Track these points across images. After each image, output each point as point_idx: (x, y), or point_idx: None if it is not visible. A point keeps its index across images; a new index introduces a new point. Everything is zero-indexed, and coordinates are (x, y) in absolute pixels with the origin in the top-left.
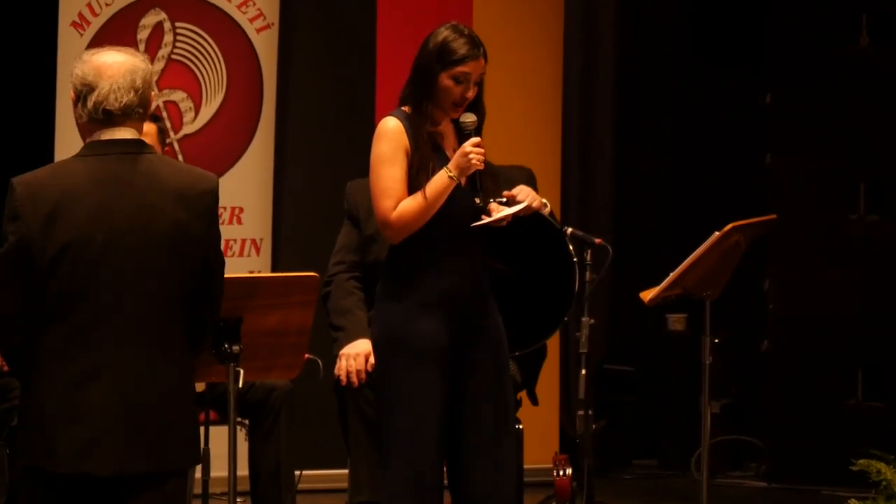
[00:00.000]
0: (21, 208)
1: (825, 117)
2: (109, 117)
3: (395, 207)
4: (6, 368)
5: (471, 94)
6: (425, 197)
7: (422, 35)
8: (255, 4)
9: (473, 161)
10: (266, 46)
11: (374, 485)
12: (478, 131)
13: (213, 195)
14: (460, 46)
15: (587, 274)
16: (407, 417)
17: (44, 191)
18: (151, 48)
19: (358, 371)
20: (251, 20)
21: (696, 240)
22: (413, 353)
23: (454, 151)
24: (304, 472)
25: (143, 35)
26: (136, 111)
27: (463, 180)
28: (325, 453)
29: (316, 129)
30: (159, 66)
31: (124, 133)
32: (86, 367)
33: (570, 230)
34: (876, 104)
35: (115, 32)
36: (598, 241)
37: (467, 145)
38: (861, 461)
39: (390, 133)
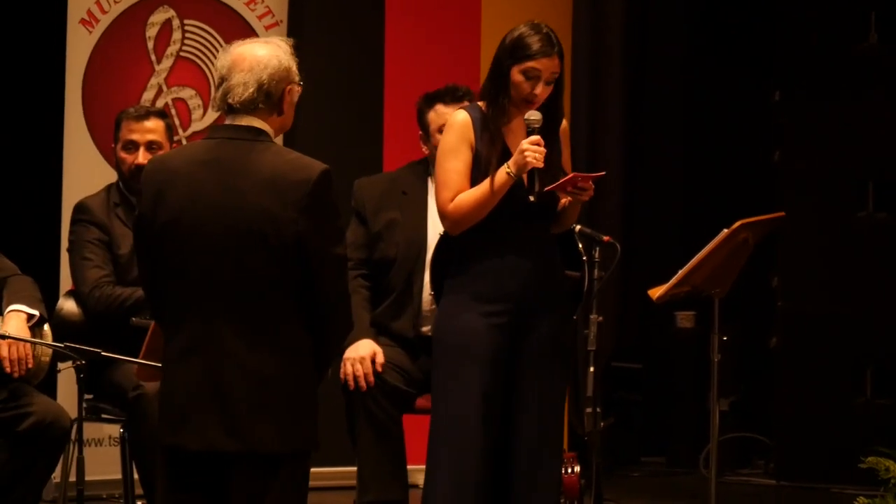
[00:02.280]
0: (143, 185)
1: (834, 115)
2: (232, 109)
3: (452, 199)
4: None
5: (540, 90)
6: (482, 191)
7: (430, 32)
8: (263, 2)
9: (529, 158)
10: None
11: (381, 485)
12: (544, 130)
13: (309, 185)
14: (534, 43)
15: (595, 271)
16: (454, 409)
17: (159, 170)
18: (160, 46)
19: (365, 375)
20: (259, 17)
21: (705, 237)
22: (461, 346)
23: None
24: (312, 469)
25: (151, 33)
26: (259, 106)
27: (525, 177)
28: (333, 450)
29: (324, 126)
30: (168, 63)
31: (245, 121)
32: (182, 344)
33: (578, 227)
34: (884, 102)
35: (124, 30)
36: (606, 238)
37: (525, 142)
38: (870, 459)
39: (456, 126)
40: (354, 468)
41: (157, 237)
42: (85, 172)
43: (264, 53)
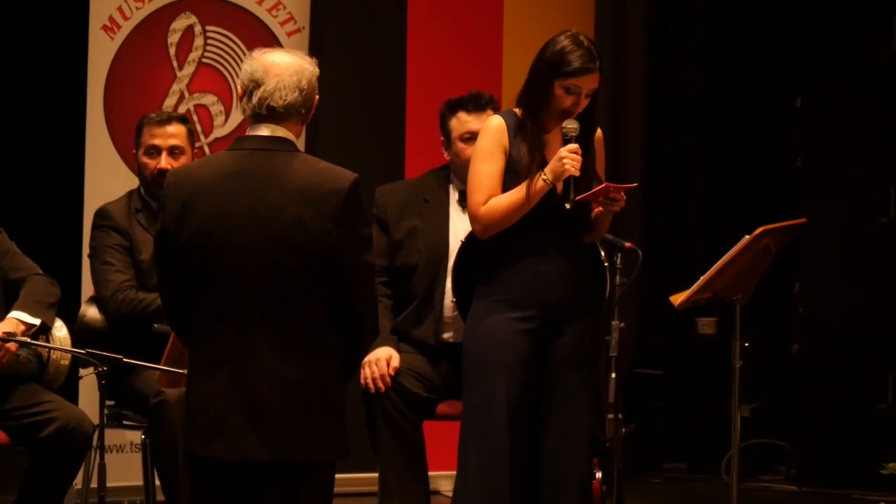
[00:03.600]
0: (166, 198)
1: (855, 121)
2: (273, 114)
3: (485, 202)
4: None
5: (580, 106)
6: (515, 197)
7: (453, 38)
8: (285, 8)
9: (567, 166)
10: (297, 50)
11: (403, 491)
12: (580, 139)
13: (341, 195)
14: (576, 59)
15: (617, 278)
16: (484, 414)
17: (184, 182)
18: (182, 52)
19: (381, 376)
20: (282, 24)
21: (727, 243)
22: (492, 352)
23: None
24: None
25: (173, 39)
26: (299, 110)
27: (559, 185)
28: (354, 457)
29: (346, 132)
30: (190, 69)
31: (270, 130)
32: (214, 354)
33: None
34: None
35: (146, 36)
36: (628, 244)
37: (563, 150)
38: (891, 465)
39: (492, 130)
40: (376, 474)
41: (184, 249)
42: (107, 178)
43: (296, 61)
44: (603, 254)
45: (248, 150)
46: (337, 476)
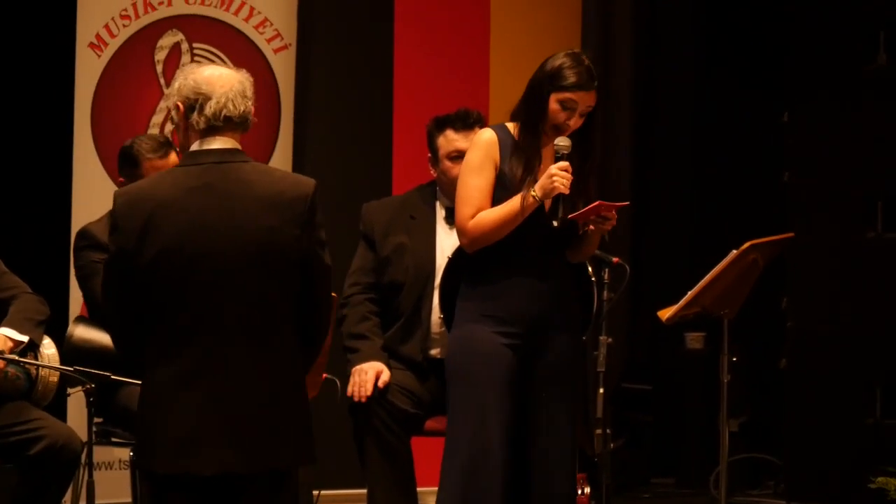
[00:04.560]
0: (119, 219)
1: (843, 135)
2: (229, 124)
3: (473, 216)
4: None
5: (574, 122)
6: (503, 212)
7: (440, 55)
8: (272, 25)
9: (556, 183)
10: (283, 67)
11: None
12: (572, 158)
13: (306, 201)
14: (574, 74)
15: (605, 293)
16: (471, 426)
17: (140, 202)
18: (169, 69)
19: (365, 383)
20: (268, 41)
21: (714, 258)
22: (477, 367)
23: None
24: (323, 492)
25: (160, 56)
26: (248, 119)
27: (547, 203)
28: (344, 473)
29: (333, 149)
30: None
31: (221, 142)
32: (184, 369)
33: None
34: (894, 122)
35: (133, 53)
36: (615, 259)
37: (554, 167)
38: (879, 479)
39: (482, 143)
40: (364, 490)
41: (148, 267)
42: (94, 196)
43: (232, 72)
44: (590, 269)
45: (206, 164)
46: (325, 492)
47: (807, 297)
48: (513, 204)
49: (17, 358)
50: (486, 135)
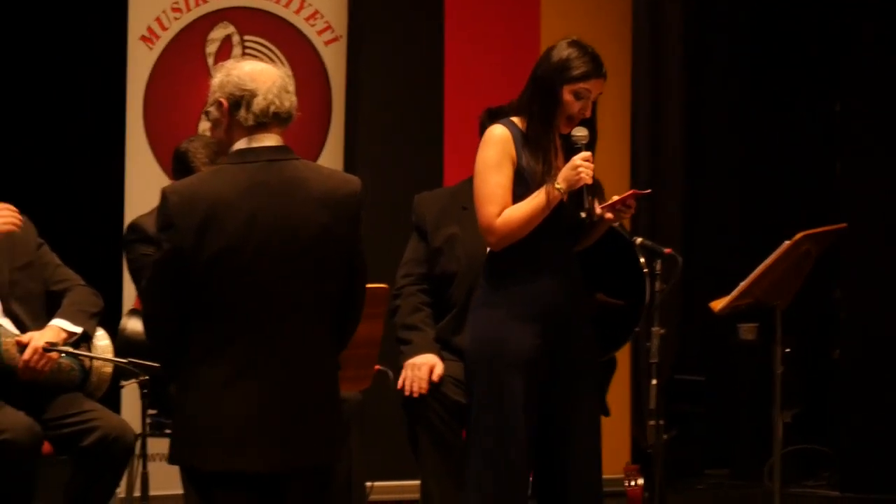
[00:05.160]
0: (175, 217)
1: (894, 124)
2: (277, 119)
3: (499, 214)
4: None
5: (587, 111)
6: (529, 207)
7: (489, 45)
8: (322, 17)
9: (583, 175)
10: (334, 58)
11: (445, 497)
12: (589, 146)
13: (357, 199)
14: (584, 64)
15: (657, 284)
16: (495, 424)
17: (196, 199)
18: (220, 61)
19: (420, 380)
20: (319, 32)
21: (767, 249)
22: (505, 362)
23: (562, 163)
24: (376, 484)
25: (211, 48)
26: (295, 114)
27: (565, 195)
28: (397, 464)
29: (384, 140)
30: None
31: (270, 140)
32: (235, 367)
33: (639, 240)
34: None
35: (185, 46)
36: (667, 250)
37: (577, 159)
38: None
39: (497, 140)
40: (418, 482)
41: (206, 266)
42: (146, 189)
43: (271, 67)
44: (642, 260)
45: (260, 163)
46: (378, 483)
47: (860, 287)
48: (538, 198)
49: (71, 349)
50: (499, 131)
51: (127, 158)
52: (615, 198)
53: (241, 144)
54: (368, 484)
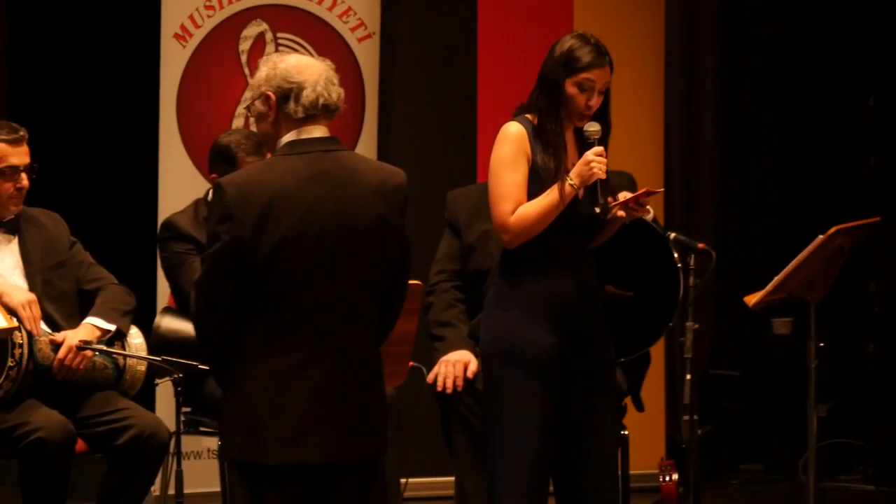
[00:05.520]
0: (234, 208)
1: None
2: (326, 111)
3: (513, 211)
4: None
5: (594, 102)
6: (543, 204)
7: (522, 41)
8: (356, 14)
9: (595, 170)
10: (367, 56)
11: (480, 494)
12: (601, 141)
13: (405, 190)
14: (585, 54)
15: (691, 279)
16: (513, 425)
17: (255, 190)
18: (253, 59)
19: (455, 378)
20: (352, 29)
21: (800, 243)
22: (521, 362)
23: (574, 159)
24: (410, 480)
25: (244, 46)
26: (342, 106)
27: (581, 190)
28: (431, 461)
29: (417, 137)
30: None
31: (320, 131)
32: (294, 359)
33: (673, 235)
34: None
35: (218, 44)
36: (701, 245)
37: (590, 154)
38: None
39: (512, 137)
40: (452, 478)
41: (264, 258)
42: (180, 187)
43: (318, 62)
44: (676, 255)
45: (316, 153)
46: (413, 479)
47: (894, 281)
48: (552, 194)
49: (104, 347)
50: (514, 128)
51: (160, 156)
52: (627, 195)
53: (290, 137)
54: (403, 480)
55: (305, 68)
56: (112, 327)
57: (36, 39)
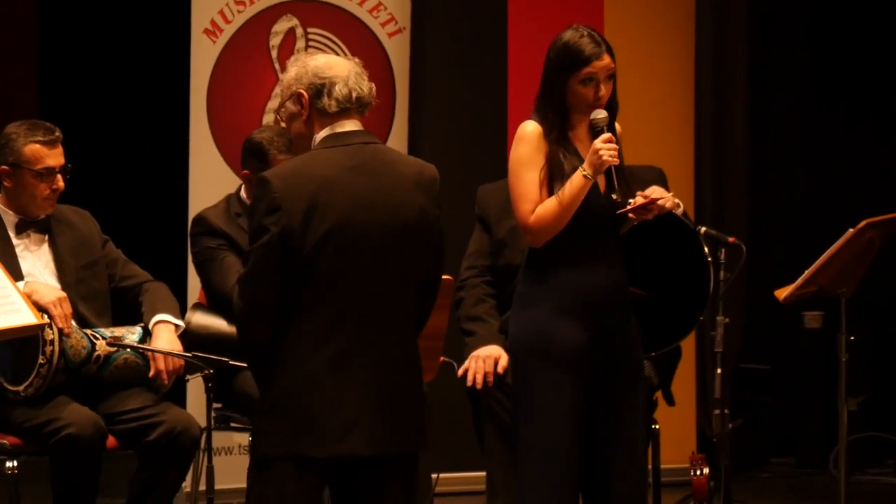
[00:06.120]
0: (281, 200)
1: None
2: (359, 105)
3: (533, 211)
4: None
5: (604, 92)
6: (562, 199)
7: (553, 34)
8: (386, 9)
9: (605, 157)
10: (398, 51)
11: (511, 489)
12: (610, 127)
13: (437, 181)
14: (583, 48)
15: (721, 273)
16: (543, 423)
17: (301, 182)
18: (283, 54)
19: (486, 373)
20: (383, 24)
21: (831, 237)
22: (551, 359)
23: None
24: (442, 475)
25: (275, 41)
26: (374, 101)
27: (598, 179)
28: (463, 456)
29: (448, 132)
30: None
31: (352, 125)
32: (342, 350)
33: (703, 229)
34: None
35: (248, 39)
36: (731, 239)
37: (598, 142)
38: None
39: (529, 137)
40: (484, 473)
41: (312, 249)
42: (210, 182)
43: (343, 59)
44: (706, 249)
45: (355, 145)
46: (444, 475)
47: None
48: (568, 189)
49: (136, 345)
50: (531, 127)
51: (191, 152)
52: (640, 199)
53: (325, 132)
54: (434, 475)
55: (336, 65)
56: (181, 322)
57: (67, 36)
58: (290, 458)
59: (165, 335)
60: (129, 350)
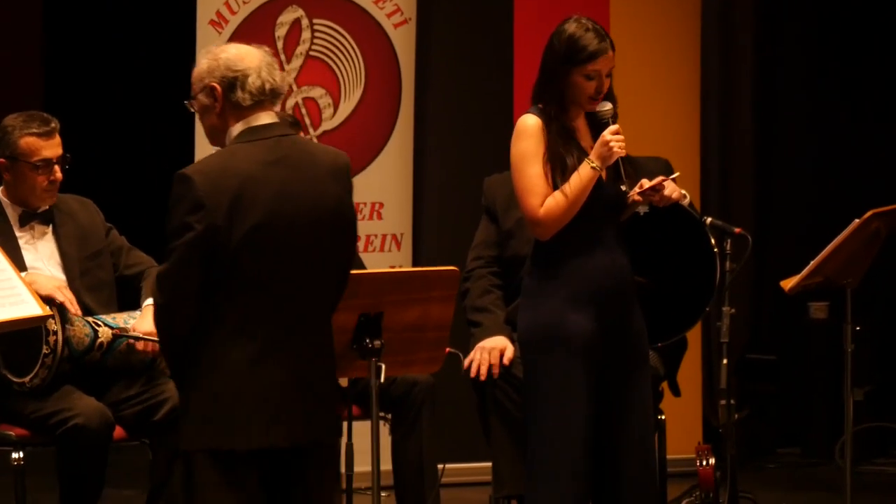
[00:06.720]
0: (204, 198)
1: None
2: (273, 95)
3: (541, 204)
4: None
5: (604, 86)
6: (570, 191)
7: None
8: (392, 0)
9: (615, 149)
10: (404, 41)
11: (517, 479)
12: (615, 119)
13: (349, 169)
14: (588, 43)
15: (727, 264)
16: (554, 413)
17: (223, 178)
18: (289, 45)
19: (492, 365)
20: (388, 15)
21: (837, 227)
22: (563, 349)
23: (590, 143)
24: (448, 466)
25: (280, 32)
26: (286, 90)
27: (604, 171)
28: (468, 446)
29: (454, 123)
30: (297, 62)
31: (267, 117)
32: (265, 345)
33: (709, 220)
34: None
35: (253, 30)
36: (737, 230)
37: (607, 133)
38: None
39: (531, 130)
40: (489, 464)
41: (238, 244)
42: None
43: (254, 48)
44: (713, 240)
45: (274, 138)
46: (450, 465)
47: None
48: (576, 181)
49: (140, 335)
50: (531, 120)
51: (196, 143)
52: (646, 183)
53: (241, 126)
54: (440, 466)
55: (246, 56)
56: None
57: (72, 26)
58: (212, 453)
59: (149, 318)
60: (134, 339)
